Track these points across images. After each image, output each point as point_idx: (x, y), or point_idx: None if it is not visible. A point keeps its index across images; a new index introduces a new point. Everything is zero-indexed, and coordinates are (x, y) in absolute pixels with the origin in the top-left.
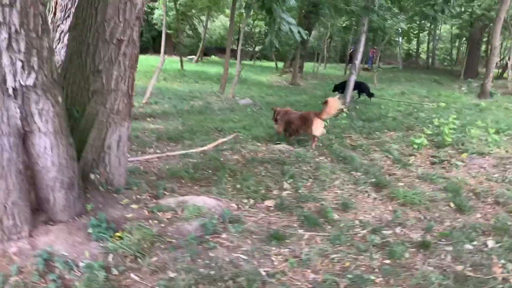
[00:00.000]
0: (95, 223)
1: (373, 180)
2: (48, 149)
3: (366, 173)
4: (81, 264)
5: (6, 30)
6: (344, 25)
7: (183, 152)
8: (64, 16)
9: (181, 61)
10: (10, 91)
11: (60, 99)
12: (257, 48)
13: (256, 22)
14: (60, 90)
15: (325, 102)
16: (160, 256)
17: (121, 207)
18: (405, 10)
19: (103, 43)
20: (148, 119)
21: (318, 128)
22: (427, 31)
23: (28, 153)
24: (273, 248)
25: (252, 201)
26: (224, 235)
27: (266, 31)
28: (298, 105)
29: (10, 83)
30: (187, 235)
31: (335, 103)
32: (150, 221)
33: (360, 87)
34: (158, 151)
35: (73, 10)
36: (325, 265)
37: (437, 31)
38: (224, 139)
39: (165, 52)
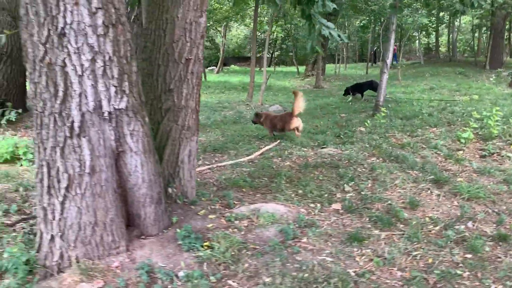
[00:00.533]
0: (184, 235)
1: (431, 177)
2: (139, 167)
3: (422, 171)
4: (180, 274)
5: (102, 58)
6: (361, 24)
7: (233, 162)
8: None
9: (204, 73)
10: (106, 115)
11: (147, 119)
12: (275, 54)
13: (274, 28)
14: (145, 111)
15: (294, 93)
16: (250, 262)
17: (200, 218)
18: (431, 6)
19: (172, 63)
20: None
21: (295, 123)
22: (445, 24)
23: (119, 172)
24: (355, 249)
25: (319, 205)
26: (304, 239)
27: (283, 36)
28: (330, 107)
29: (105, 107)
30: (268, 241)
31: (302, 96)
32: (230, 229)
33: (371, 86)
34: (206, 162)
35: None
36: (409, 263)
37: (456, 23)
38: (268, 147)
39: None
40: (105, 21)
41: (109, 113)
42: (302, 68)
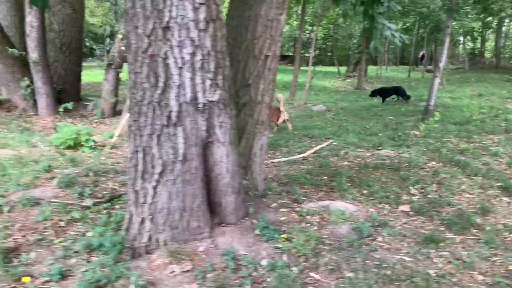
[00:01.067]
0: (263, 225)
1: (499, 184)
2: (224, 157)
3: (487, 177)
4: (263, 263)
5: (201, 52)
6: (404, 26)
7: (286, 159)
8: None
9: None
10: (200, 106)
11: (234, 112)
12: (314, 54)
13: (313, 27)
14: (233, 104)
15: (277, 98)
16: (329, 256)
17: (272, 211)
18: (489, 10)
19: (252, 59)
20: None
21: (284, 116)
22: (493, 29)
23: (205, 161)
24: (432, 251)
25: (387, 206)
26: (379, 238)
27: (323, 36)
28: (375, 109)
29: (200, 99)
30: (342, 237)
31: (281, 97)
32: (302, 224)
33: (398, 91)
34: None
35: None
36: (489, 268)
37: (504, 28)
38: (321, 146)
39: None
40: (206, 17)
41: (204, 104)
42: (342, 69)
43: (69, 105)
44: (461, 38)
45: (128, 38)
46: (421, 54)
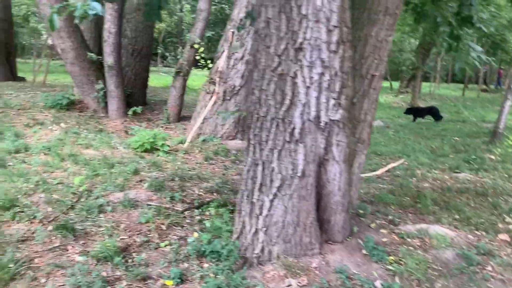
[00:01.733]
0: (372, 246)
1: None
2: (338, 175)
3: None
4: (377, 284)
5: (329, 73)
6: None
7: (363, 175)
8: (239, 45)
9: None
10: (322, 124)
11: (349, 131)
12: None
13: None
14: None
15: None
16: (441, 282)
17: (373, 231)
18: None
19: (358, 78)
20: None
21: None
22: None
23: (319, 179)
24: None
25: (483, 233)
26: (489, 268)
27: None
28: (436, 128)
29: (323, 117)
30: (448, 263)
31: None
32: (404, 246)
33: (431, 111)
34: None
35: (249, 39)
36: None
37: None
38: (394, 164)
39: None
40: (338, 39)
41: (325, 123)
42: (394, 83)
43: (138, 109)
44: None
45: (255, 56)
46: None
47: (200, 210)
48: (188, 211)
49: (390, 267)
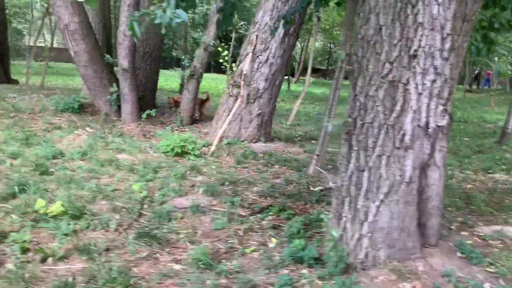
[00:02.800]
0: (469, 248)
1: None
2: (437, 180)
3: None
4: (486, 286)
5: (440, 79)
6: None
7: None
8: (263, 48)
9: (289, 82)
10: (430, 131)
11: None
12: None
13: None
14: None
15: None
16: None
17: (455, 233)
18: None
19: None
20: (313, 141)
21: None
22: None
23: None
24: None
25: None
26: None
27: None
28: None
29: (431, 124)
30: None
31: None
32: (489, 248)
33: None
34: None
35: (273, 42)
36: None
37: None
38: None
39: None
40: (450, 46)
41: (433, 129)
42: None
43: (152, 112)
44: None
45: (361, 62)
46: (474, 73)
47: (263, 214)
48: (253, 216)
49: (489, 269)
